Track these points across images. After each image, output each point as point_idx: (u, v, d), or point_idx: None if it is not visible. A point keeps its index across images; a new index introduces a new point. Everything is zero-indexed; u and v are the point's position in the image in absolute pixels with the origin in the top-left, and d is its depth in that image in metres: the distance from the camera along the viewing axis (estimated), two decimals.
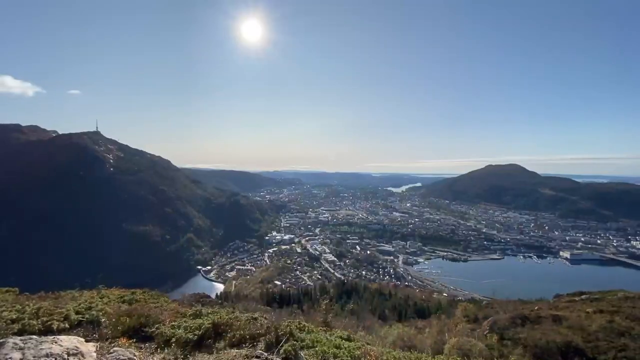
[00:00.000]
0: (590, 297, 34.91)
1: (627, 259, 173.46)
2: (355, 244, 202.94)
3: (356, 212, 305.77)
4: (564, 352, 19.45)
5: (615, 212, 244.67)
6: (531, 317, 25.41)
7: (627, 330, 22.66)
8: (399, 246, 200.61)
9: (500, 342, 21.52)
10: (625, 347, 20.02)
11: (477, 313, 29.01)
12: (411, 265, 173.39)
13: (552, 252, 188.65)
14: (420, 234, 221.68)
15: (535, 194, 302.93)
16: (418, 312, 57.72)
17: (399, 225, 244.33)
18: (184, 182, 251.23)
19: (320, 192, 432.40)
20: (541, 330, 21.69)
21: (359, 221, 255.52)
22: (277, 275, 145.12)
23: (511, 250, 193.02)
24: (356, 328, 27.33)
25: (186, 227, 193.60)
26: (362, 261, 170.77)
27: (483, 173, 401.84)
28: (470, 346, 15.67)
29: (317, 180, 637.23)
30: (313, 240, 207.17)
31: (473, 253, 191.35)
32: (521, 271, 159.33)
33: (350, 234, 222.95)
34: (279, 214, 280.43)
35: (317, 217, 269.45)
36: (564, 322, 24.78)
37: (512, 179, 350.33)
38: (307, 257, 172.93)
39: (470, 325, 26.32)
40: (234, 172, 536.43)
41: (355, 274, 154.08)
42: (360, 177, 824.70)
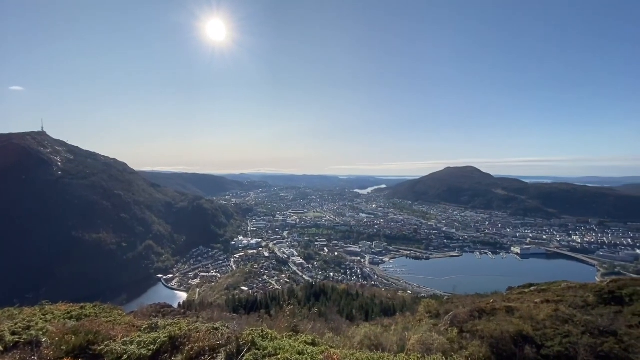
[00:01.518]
0: (538, 288, 37.86)
1: (569, 252, 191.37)
2: (323, 245, 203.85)
3: (324, 214, 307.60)
4: (516, 340, 20.87)
5: (558, 210, 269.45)
6: (487, 310, 26.97)
7: (570, 317, 24.83)
8: (365, 246, 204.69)
9: (460, 335, 22.61)
10: (569, 334, 21.92)
11: (439, 308, 30.26)
12: (377, 264, 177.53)
13: (504, 248, 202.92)
14: (385, 234, 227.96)
15: (489, 194, 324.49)
16: (384, 310, 59.09)
17: (365, 226, 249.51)
18: (142, 186, 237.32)
19: (288, 194, 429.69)
20: (496, 322, 23.08)
21: (326, 223, 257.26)
22: (243, 280, 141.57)
23: (469, 248, 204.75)
24: (324, 330, 27.31)
25: (145, 234, 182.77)
26: (330, 263, 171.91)
27: (443, 175, 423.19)
28: (432, 341, 16.26)
29: (285, 182, 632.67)
30: (281, 244, 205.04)
31: (434, 251, 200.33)
32: (478, 266, 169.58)
33: (319, 236, 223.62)
34: (246, 218, 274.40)
35: (285, 220, 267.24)
36: (516, 312, 26.60)
37: (469, 180, 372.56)
38: (275, 260, 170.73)
39: (433, 320, 27.38)
40: (197, 175, 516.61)
41: (323, 275, 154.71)
42: (328, 180, 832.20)
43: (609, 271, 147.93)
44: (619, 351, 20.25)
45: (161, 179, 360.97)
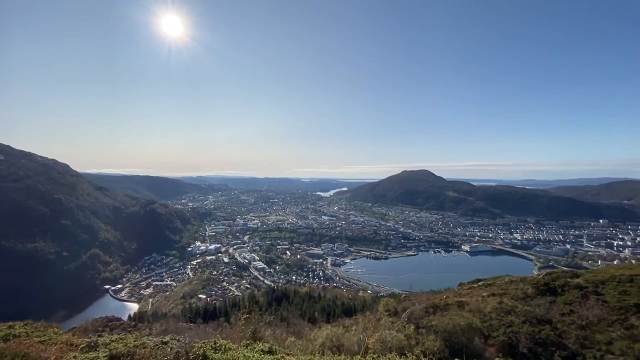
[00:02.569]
0: (485, 283, 40.92)
1: (511, 248, 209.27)
2: (285, 249, 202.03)
3: (286, 217, 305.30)
4: (467, 332, 22.37)
5: (502, 210, 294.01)
6: (441, 305, 28.56)
7: (512, 308, 27.16)
8: (327, 248, 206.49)
9: (417, 330, 23.67)
10: (511, 324, 23.96)
11: (397, 306, 31.43)
12: (339, 266, 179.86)
13: (456, 246, 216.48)
14: (347, 235, 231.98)
15: (442, 196, 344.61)
16: (345, 311, 60.01)
17: (327, 228, 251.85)
18: (86, 190, 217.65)
19: (250, 197, 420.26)
20: (449, 316, 24.53)
21: (289, 226, 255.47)
22: (201, 288, 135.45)
23: (424, 247, 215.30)
24: (286, 335, 26.99)
25: (90, 242, 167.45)
26: (293, 266, 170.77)
27: (400, 178, 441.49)
28: (390, 338, 16.82)
29: (246, 185, 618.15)
30: (241, 249, 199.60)
31: (392, 251, 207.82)
32: (432, 264, 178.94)
33: (281, 240, 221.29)
34: (204, 223, 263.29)
35: (245, 224, 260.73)
36: (466, 307, 28.49)
37: (423, 183, 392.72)
38: (235, 266, 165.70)
39: (391, 318, 28.36)
40: (150, 178, 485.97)
41: (285, 279, 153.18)
42: (290, 182, 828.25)
43: (544, 265, 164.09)
44: (554, 337, 22.50)
45: (109, 182, 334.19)
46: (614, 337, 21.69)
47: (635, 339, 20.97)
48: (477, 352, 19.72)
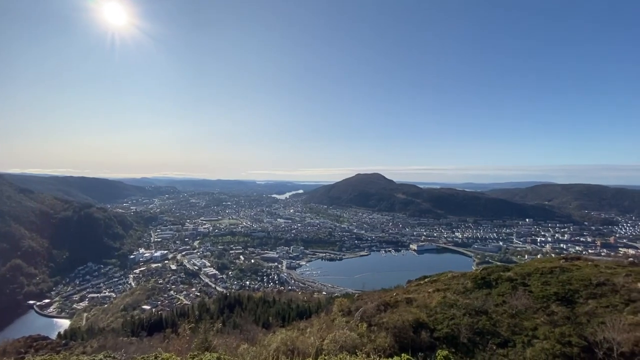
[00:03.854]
0: (431, 279, 43.73)
1: (453, 246, 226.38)
2: (239, 253, 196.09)
3: (240, 220, 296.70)
4: (415, 327, 23.70)
5: (445, 211, 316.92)
6: (391, 303, 29.87)
7: (455, 302, 29.36)
8: (283, 252, 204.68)
9: (369, 328, 24.48)
10: (454, 316, 25.89)
11: (350, 306, 32.20)
12: (294, 269, 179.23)
13: (404, 246, 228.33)
14: (302, 238, 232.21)
15: (392, 198, 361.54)
16: (301, 313, 59.96)
17: (283, 231, 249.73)
18: (6, 192, 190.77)
19: (200, 200, 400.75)
20: (398, 313, 25.78)
21: (243, 230, 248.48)
22: (145, 299, 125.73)
23: (376, 247, 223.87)
24: (239, 342, 26.15)
25: (10, 251, 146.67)
26: (246, 271, 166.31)
27: (354, 181, 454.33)
28: (344, 338, 17.18)
29: (197, 188, 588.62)
30: (191, 255, 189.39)
31: (347, 252, 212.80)
32: (384, 263, 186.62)
33: (234, 244, 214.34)
34: (149, 228, 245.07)
35: (196, 229, 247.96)
36: (414, 303, 30.17)
37: (375, 186, 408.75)
38: (184, 273, 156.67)
39: (345, 318, 28.97)
40: (86, 180, 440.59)
41: (239, 285, 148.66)
42: (245, 185, 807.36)
43: (481, 261, 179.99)
44: (490, 326, 24.70)
45: (36, 184, 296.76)
46: (538, 323, 24.53)
47: (555, 324, 23.94)
48: (424, 345, 20.98)
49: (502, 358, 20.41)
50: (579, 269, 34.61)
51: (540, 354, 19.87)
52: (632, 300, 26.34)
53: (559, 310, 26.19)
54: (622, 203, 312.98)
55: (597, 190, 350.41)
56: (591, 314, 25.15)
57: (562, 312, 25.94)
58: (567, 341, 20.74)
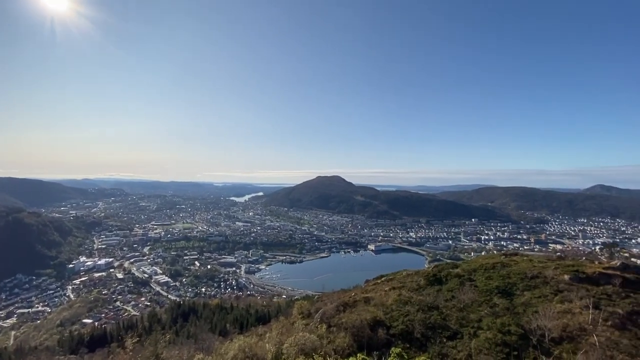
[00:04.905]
0: (387, 278, 45.39)
1: (408, 245, 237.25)
2: (194, 259, 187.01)
3: (196, 224, 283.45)
4: (372, 326, 24.41)
5: (400, 212, 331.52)
6: (350, 303, 30.45)
7: (409, 299, 30.74)
8: (241, 256, 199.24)
9: (328, 329, 24.73)
10: (408, 313, 27.09)
11: (310, 308, 32.26)
12: (253, 273, 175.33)
13: (363, 246, 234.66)
14: (262, 241, 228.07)
15: (351, 200, 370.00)
16: (260, 318, 58.76)
17: (242, 234, 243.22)
18: None
19: (151, 204, 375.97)
20: (357, 312, 26.38)
21: (198, 234, 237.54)
22: (87, 312, 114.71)
23: (335, 248, 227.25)
24: (193, 352, 24.92)
25: None
26: (202, 277, 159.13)
27: (314, 183, 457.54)
28: (304, 341, 17.17)
29: (147, 190, 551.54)
30: (140, 262, 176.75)
31: (307, 254, 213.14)
32: (343, 264, 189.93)
33: (189, 249, 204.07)
34: (91, 234, 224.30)
35: (146, 234, 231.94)
36: (371, 301, 31.05)
37: (336, 188, 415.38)
38: (132, 282, 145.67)
39: (305, 320, 28.95)
40: (13, 181, 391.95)
41: (194, 292, 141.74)
42: (201, 187, 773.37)
43: (433, 259, 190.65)
44: (440, 321, 26.19)
45: None
46: (483, 315, 26.61)
47: (497, 315, 26.12)
48: (381, 343, 21.68)
49: (451, 349, 21.78)
50: (517, 264, 38.15)
51: (484, 343, 21.53)
52: (560, 291, 29.65)
53: (500, 302, 28.63)
54: (551, 204, 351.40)
55: (531, 192, 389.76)
56: (527, 304, 27.87)
57: (502, 303, 28.39)
58: (507, 330, 22.72)
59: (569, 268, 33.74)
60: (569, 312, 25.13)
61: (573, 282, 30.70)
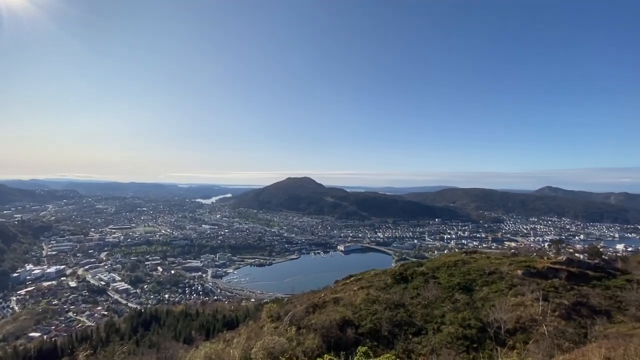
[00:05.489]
0: (356, 278, 46.14)
1: (376, 245, 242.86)
2: (156, 264, 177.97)
3: (159, 227, 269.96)
4: (341, 326, 24.69)
5: (369, 213, 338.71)
6: (319, 304, 30.58)
7: (377, 298, 31.46)
8: (208, 260, 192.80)
9: (298, 332, 24.66)
10: (376, 311, 27.71)
11: (279, 311, 31.98)
12: (220, 277, 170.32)
13: (333, 247, 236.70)
14: (230, 244, 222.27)
15: (321, 202, 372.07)
16: (227, 324, 57.18)
17: (208, 238, 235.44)
18: None
19: (109, 206, 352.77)
20: (326, 313, 26.57)
21: (161, 238, 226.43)
22: (34, 324, 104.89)
23: (305, 250, 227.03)
24: None
25: None
26: (165, 283, 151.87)
27: (284, 184, 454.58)
28: (273, 344, 16.99)
29: (105, 192, 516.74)
30: (97, 269, 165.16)
31: (277, 256, 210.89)
32: (313, 265, 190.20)
33: (151, 254, 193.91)
34: (39, 239, 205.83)
35: (103, 239, 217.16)
36: (340, 302, 31.40)
37: (306, 190, 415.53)
38: (87, 291, 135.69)
39: (274, 323, 28.65)
40: None
41: (156, 299, 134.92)
42: (165, 188, 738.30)
43: (400, 258, 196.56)
44: (406, 318, 27.04)
45: None
46: (445, 311, 27.89)
47: (458, 310, 27.48)
48: (350, 342, 21.99)
49: (417, 345, 22.60)
50: (476, 261, 40.42)
51: (446, 337, 22.58)
52: (514, 285, 31.85)
53: (461, 298, 30.17)
54: (507, 204, 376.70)
55: (489, 193, 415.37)
56: (485, 299, 29.62)
57: (463, 299, 29.94)
58: (467, 324, 24.00)
59: (522, 264, 36.38)
60: (522, 305, 27.08)
61: (525, 277, 33.13)
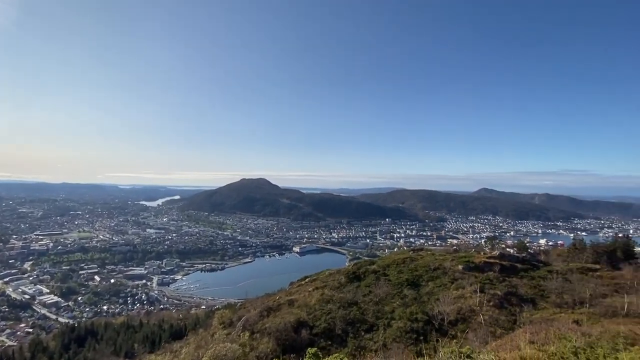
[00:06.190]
0: (311, 279, 46.49)
1: (331, 246, 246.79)
2: (93, 273, 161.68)
3: (96, 233, 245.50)
4: (296, 327, 24.70)
5: (324, 214, 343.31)
6: (274, 307, 30.27)
7: (331, 297, 32.00)
8: (153, 266, 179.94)
9: (251, 337, 24.14)
10: (330, 311, 28.18)
11: (232, 316, 31.04)
12: (167, 285, 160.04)
13: (288, 249, 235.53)
14: (178, 249, 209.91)
15: (277, 203, 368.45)
16: (175, 334, 54.01)
17: (154, 243, 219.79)
18: None
19: (35, 210, 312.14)
20: (280, 316, 26.40)
21: (99, 244, 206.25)
22: None
23: (260, 252, 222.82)
24: None
25: None
26: (104, 293, 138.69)
27: (238, 185, 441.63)
28: (225, 352, 16.45)
29: (31, 193, 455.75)
30: (19, 281, 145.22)
31: (230, 260, 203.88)
32: (268, 268, 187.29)
33: (87, 262, 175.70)
34: None
35: (27, 247, 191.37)
36: (295, 303, 31.40)
37: (261, 191, 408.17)
38: (8, 306, 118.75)
39: (227, 330, 27.73)
40: None
41: (93, 311, 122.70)
42: (103, 190, 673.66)
43: (353, 257, 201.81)
44: (359, 315, 27.88)
45: None
46: (395, 306, 29.31)
47: (407, 305, 29.05)
48: (304, 343, 22.09)
49: (368, 341, 23.45)
50: (422, 258, 43.07)
51: (396, 332, 23.74)
52: (456, 279, 34.53)
53: (409, 293, 31.95)
54: (449, 204, 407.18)
55: (434, 194, 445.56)
56: (430, 293, 31.71)
57: (411, 294, 31.74)
58: (414, 318, 25.48)
59: (462, 259, 39.58)
60: (462, 297, 29.48)
61: (465, 271, 36.13)
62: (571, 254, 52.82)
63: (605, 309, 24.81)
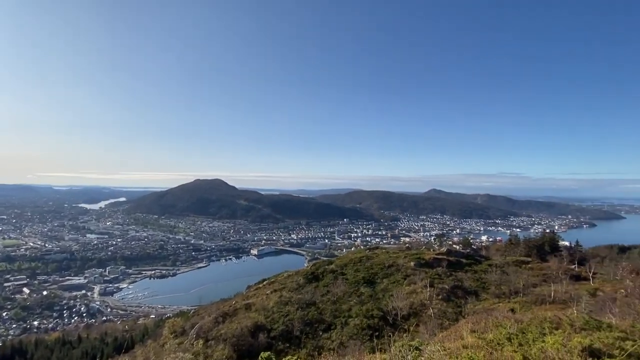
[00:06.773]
0: (269, 281, 45.90)
1: (289, 247, 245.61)
2: (21, 285, 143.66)
3: (24, 240, 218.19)
4: (253, 332, 24.23)
5: (283, 215, 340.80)
6: (230, 312, 29.41)
7: (289, 299, 31.89)
8: (94, 275, 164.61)
9: (206, 344, 23.22)
10: (289, 313, 28.07)
11: (184, 325, 29.58)
12: (111, 294, 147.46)
13: (246, 252, 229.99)
14: (124, 255, 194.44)
15: (234, 205, 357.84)
16: (120, 347, 50.00)
17: (95, 249, 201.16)
18: None
19: None
20: (237, 321, 25.72)
21: (29, 253, 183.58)
22: None
23: (216, 256, 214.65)
24: None
25: None
26: (34, 307, 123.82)
27: (192, 186, 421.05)
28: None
29: None
30: None
31: (182, 265, 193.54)
32: (224, 273, 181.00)
33: (13, 273, 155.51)
34: None
35: None
36: (253, 307, 30.80)
37: (216, 192, 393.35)
38: None
39: (178, 339, 26.34)
40: None
41: (21, 328, 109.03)
42: (34, 191, 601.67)
43: (312, 258, 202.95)
44: (317, 316, 28.13)
45: None
46: (352, 305, 30.06)
47: (363, 303, 29.93)
48: (262, 347, 21.76)
49: (326, 341, 23.78)
50: (378, 256, 44.71)
51: (353, 329, 24.37)
52: (408, 275, 36.34)
53: (366, 291, 32.98)
54: (402, 204, 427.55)
55: (388, 195, 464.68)
56: (385, 290, 33.03)
57: (367, 292, 32.78)
58: (370, 315, 26.37)
59: (414, 256, 41.81)
60: (414, 292, 31.14)
61: (416, 268, 38.22)
62: (508, 248, 58.45)
63: (535, 297, 27.89)
